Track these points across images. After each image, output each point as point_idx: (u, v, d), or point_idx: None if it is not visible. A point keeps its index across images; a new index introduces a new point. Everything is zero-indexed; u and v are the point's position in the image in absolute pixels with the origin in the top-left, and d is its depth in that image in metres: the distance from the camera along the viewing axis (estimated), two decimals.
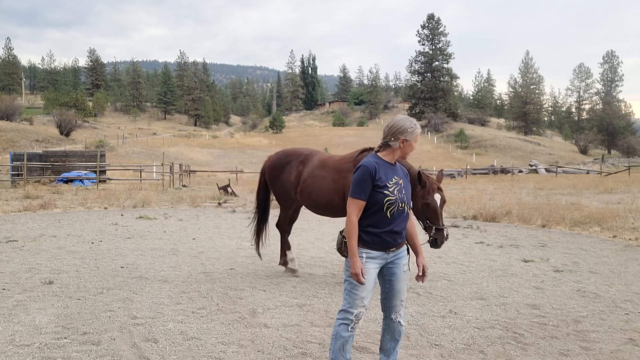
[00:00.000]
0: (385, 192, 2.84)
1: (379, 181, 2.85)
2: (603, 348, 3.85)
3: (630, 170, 35.27)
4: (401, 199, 2.89)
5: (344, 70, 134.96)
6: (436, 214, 4.84)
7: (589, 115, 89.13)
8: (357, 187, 2.85)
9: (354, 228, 2.85)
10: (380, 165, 2.90)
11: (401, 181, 2.95)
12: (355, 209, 2.86)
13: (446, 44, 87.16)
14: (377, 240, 2.88)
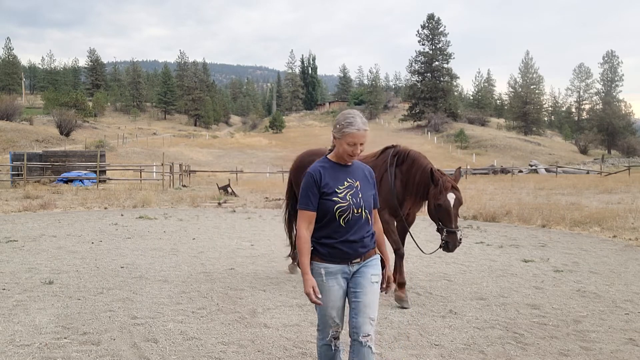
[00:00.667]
0: (334, 198, 2.55)
1: (326, 187, 2.57)
2: (603, 348, 3.85)
3: (630, 170, 35.27)
4: (356, 203, 2.59)
5: (344, 70, 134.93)
6: (449, 215, 4.50)
7: (589, 115, 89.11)
8: (303, 197, 2.58)
9: (303, 243, 2.57)
10: (328, 168, 2.62)
11: (358, 183, 2.64)
12: (304, 222, 2.58)
13: (446, 44, 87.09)
14: (334, 252, 2.58)
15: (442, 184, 4.52)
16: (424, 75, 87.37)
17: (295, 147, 61.02)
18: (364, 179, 2.70)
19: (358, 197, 2.60)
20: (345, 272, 2.63)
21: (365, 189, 2.67)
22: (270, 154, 55.72)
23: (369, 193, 2.68)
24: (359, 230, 2.61)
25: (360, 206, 2.60)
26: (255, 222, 11.75)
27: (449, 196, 4.48)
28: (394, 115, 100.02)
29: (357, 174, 2.69)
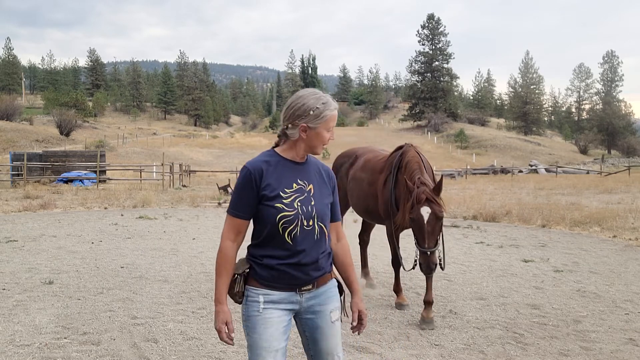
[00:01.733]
0: (277, 205, 1.93)
1: (267, 189, 1.95)
2: (603, 348, 3.85)
3: (630, 170, 35.28)
4: (306, 213, 1.96)
5: (344, 70, 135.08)
6: (421, 232, 3.95)
7: (589, 115, 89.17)
8: (234, 199, 2.00)
9: (222, 259, 1.98)
10: (274, 165, 2.00)
11: (311, 187, 2.02)
12: (230, 231, 2.00)
13: (446, 44, 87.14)
14: (277, 276, 1.96)
15: (416, 196, 3.96)
16: (424, 75, 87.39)
17: None
18: (320, 181, 2.09)
19: (310, 204, 1.98)
20: (291, 302, 2.00)
21: (321, 194, 2.05)
22: None
23: (324, 201, 2.05)
24: (312, 248, 1.99)
25: (311, 217, 1.97)
26: None
27: (423, 210, 3.92)
28: (394, 115, 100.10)
29: (311, 174, 2.06)
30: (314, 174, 2.09)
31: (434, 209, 3.95)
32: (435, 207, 3.94)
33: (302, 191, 2.00)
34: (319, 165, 2.16)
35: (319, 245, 2.02)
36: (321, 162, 2.20)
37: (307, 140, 2.00)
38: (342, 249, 2.20)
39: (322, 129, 1.99)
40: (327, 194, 2.10)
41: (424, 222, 3.93)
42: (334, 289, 2.13)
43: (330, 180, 2.16)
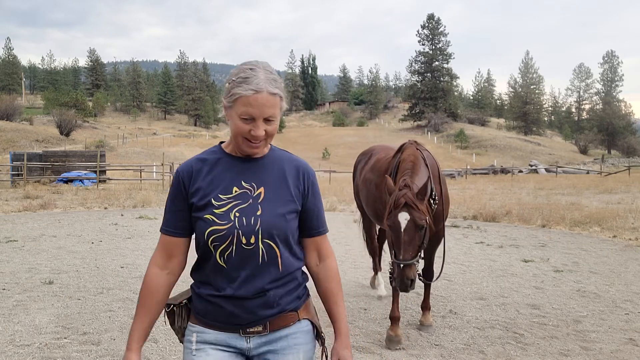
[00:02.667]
0: (206, 216, 1.48)
1: (196, 196, 1.51)
2: (603, 348, 3.85)
3: (630, 170, 35.27)
4: (246, 227, 1.47)
5: (344, 70, 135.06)
6: (397, 241, 3.44)
7: (589, 115, 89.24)
8: (165, 211, 1.59)
9: (143, 291, 1.55)
10: (211, 163, 1.56)
11: (261, 191, 1.52)
12: (158, 254, 1.58)
13: (446, 44, 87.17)
14: (213, 311, 1.51)
15: (394, 200, 3.46)
16: (424, 75, 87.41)
17: (295, 147, 61.05)
18: (280, 183, 1.56)
19: (253, 215, 1.48)
20: (234, 348, 1.52)
21: (275, 201, 1.52)
22: None
23: (279, 209, 1.51)
24: (254, 276, 1.48)
25: (253, 232, 1.47)
26: None
27: (400, 216, 3.41)
28: (394, 115, 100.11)
29: (266, 174, 1.56)
30: (272, 174, 1.56)
31: (413, 215, 3.38)
32: (415, 214, 3.38)
33: (246, 197, 1.50)
34: (285, 162, 1.60)
35: (267, 271, 1.49)
36: (294, 157, 1.65)
37: (230, 129, 1.51)
38: (326, 272, 1.64)
39: (234, 113, 1.46)
40: (286, 200, 1.54)
41: (400, 229, 3.39)
42: (302, 336, 1.59)
43: (302, 181, 1.59)
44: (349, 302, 5.08)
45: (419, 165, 3.89)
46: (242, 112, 1.45)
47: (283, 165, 1.60)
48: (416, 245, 3.43)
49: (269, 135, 1.51)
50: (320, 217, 1.65)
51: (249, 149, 1.51)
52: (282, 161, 1.61)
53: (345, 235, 9.58)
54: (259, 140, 1.48)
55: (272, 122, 1.49)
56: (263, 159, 1.59)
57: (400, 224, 3.40)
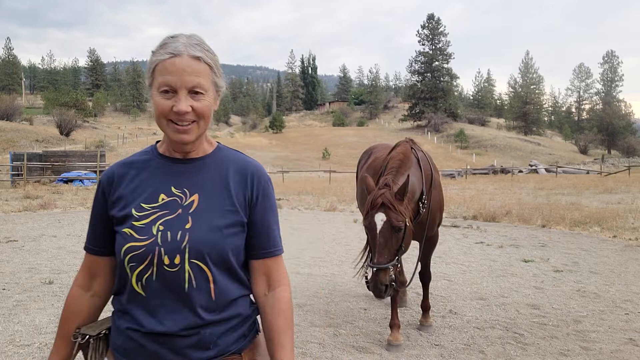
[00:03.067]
0: (124, 230, 1.22)
1: (116, 206, 1.26)
2: (603, 348, 3.85)
3: (630, 170, 35.26)
4: (171, 244, 1.19)
5: (344, 70, 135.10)
6: (372, 244, 3.29)
7: (589, 115, 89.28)
8: (88, 225, 1.36)
9: (65, 310, 1.34)
10: (139, 167, 1.30)
11: (195, 198, 1.25)
12: (81, 273, 1.35)
13: (446, 44, 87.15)
14: (134, 350, 1.22)
15: (371, 200, 3.28)
16: (424, 75, 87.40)
17: (295, 147, 61.07)
18: (219, 189, 1.28)
19: (181, 228, 1.20)
20: None
21: (211, 211, 1.24)
22: (270, 154, 55.70)
23: (216, 221, 1.23)
24: (181, 307, 1.19)
25: (179, 250, 1.19)
26: None
27: (376, 217, 3.23)
28: (394, 115, 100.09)
29: (204, 178, 1.28)
30: (211, 177, 1.28)
31: (390, 216, 3.19)
32: (392, 215, 3.19)
33: (174, 206, 1.23)
34: (230, 163, 1.32)
35: (196, 301, 1.19)
36: (244, 158, 1.35)
37: (155, 115, 1.24)
38: (274, 304, 1.30)
39: (155, 91, 1.20)
40: (226, 210, 1.25)
41: (376, 231, 3.22)
42: None
43: (249, 186, 1.30)
44: (349, 302, 5.08)
45: (407, 164, 3.66)
46: (160, 83, 1.18)
47: (227, 167, 1.31)
48: (392, 248, 3.23)
49: (200, 116, 1.21)
50: (273, 234, 1.32)
51: (176, 135, 1.20)
52: (227, 162, 1.32)
53: (346, 236, 9.59)
54: (184, 118, 1.18)
55: (201, 96, 1.20)
56: (204, 159, 1.30)
57: (376, 225, 3.22)
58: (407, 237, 3.33)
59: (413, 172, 3.64)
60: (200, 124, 1.22)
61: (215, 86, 1.26)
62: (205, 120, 1.23)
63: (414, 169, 3.68)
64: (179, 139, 1.21)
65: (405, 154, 3.74)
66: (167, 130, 1.21)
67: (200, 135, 1.26)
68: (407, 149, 3.81)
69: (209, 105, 1.22)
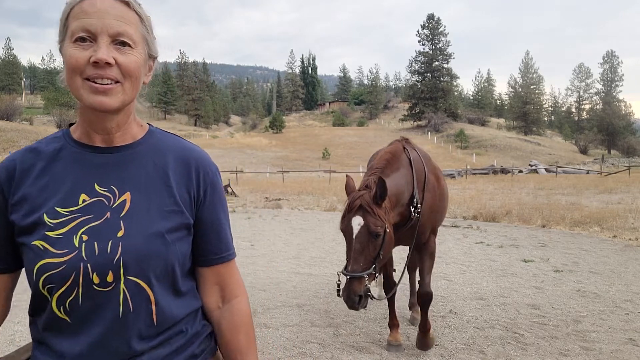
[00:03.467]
0: (34, 242, 0.94)
1: (20, 210, 0.98)
2: (603, 348, 3.85)
3: (630, 170, 35.26)
4: (100, 258, 0.94)
5: (344, 70, 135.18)
6: (348, 250, 3.03)
7: (589, 115, 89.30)
8: None
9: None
10: (48, 158, 1.02)
11: (126, 197, 1.00)
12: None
13: (446, 44, 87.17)
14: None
15: (349, 202, 3.06)
16: (424, 75, 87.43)
17: (295, 147, 61.06)
18: (158, 183, 1.04)
19: (113, 237, 0.97)
20: None
21: (149, 212, 1.01)
22: (270, 154, 55.72)
23: (155, 226, 1.00)
24: (115, 334, 0.96)
25: (111, 266, 0.95)
26: (255, 222, 11.75)
27: (353, 221, 2.98)
28: (394, 115, 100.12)
29: (137, 171, 1.03)
30: (146, 170, 1.02)
31: (367, 220, 2.94)
32: (370, 219, 2.94)
33: (100, 210, 0.97)
34: (169, 151, 1.06)
35: (134, 325, 0.96)
36: (185, 145, 1.10)
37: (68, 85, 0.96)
38: (231, 318, 1.10)
39: (67, 42, 0.94)
40: (168, 210, 1.01)
41: (352, 236, 2.97)
42: None
43: (195, 180, 1.06)
44: None
45: (394, 164, 3.41)
46: (74, 29, 0.92)
47: (165, 157, 1.04)
48: (369, 255, 2.95)
49: (127, 75, 0.95)
50: (224, 236, 1.10)
51: (93, 96, 0.93)
52: (164, 150, 1.05)
53: None
54: (105, 74, 0.92)
55: (128, 49, 0.94)
56: (134, 147, 1.03)
57: (352, 230, 2.97)
58: (386, 244, 3.01)
59: (402, 173, 3.40)
60: (126, 87, 0.95)
61: (146, 45, 0.99)
62: (133, 82, 0.96)
63: (404, 169, 3.42)
64: (97, 102, 0.93)
65: (394, 153, 3.50)
66: (81, 92, 0.93)
67: (127, 105, 0.99)
68: (397, 149, 3.58)
69: (137, 62, 0.96)
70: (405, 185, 3.34)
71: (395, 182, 3.25)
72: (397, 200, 3.26)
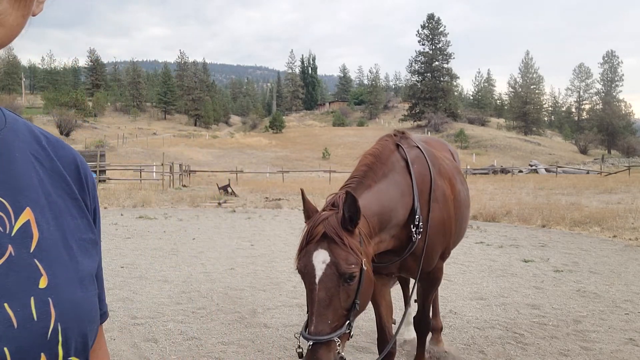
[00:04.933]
0: None
1: None
2: (603, 348, 3.84)
3: (630, 170, 35.26)
4: (29, 331, 0.51)
5: (344, 70, 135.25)
6: (308, 299, 2.02)
7: (589, 115, 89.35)
8: None
9: None
10: None
11: (29, 218, 0.56)
12: None
13: (446, 44, 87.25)
14: None
15: (309, 230, 2.07)
16: (424, 75, 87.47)
17: (295, 147, 61.06)
18: (59, 189, 0.63)
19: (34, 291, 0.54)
20: None
21: (66, 239, 0.60)
22: (270, 154, 55.72)
23: (85, 264, 0.62)
24: None
25: (45, 344, 0.53)
26: (255, 222, 11.75)
27: (315, 258, 1.99)
28: (394, 115, 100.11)
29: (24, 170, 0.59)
30: (35, 170, 0.61)
31: (336, 256, 1.95)
32: (340, 254, 1.96)
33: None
34: (49, 143, 0.67)
35: None
36: (45, 132, 0.68)
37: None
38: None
39: None
40: (88, 239, 0.65)
41: (314, 280, 1.96)
42: None
43: (86, 191, 0.69)
44: None
45: (379, 170, 2.48)
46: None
47: (45, 149, 0.66)
48: (340, 308, 1.96)
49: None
50: (102, 281, 0.72)
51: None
52: (39, 137, 0.66)
53: None
54: None
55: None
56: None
57: (314, 271, 1.96)
58: (364, 290, 2.04)
59: (392, 182, 2.48)
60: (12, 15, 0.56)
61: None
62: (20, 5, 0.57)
63: (395, 176, 2.51)
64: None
65: (379, 154, 2.58)
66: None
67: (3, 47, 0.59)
68: (385, 147, 2.66)
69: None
70: (398, 198, 2.45)
71: (378, 195, 2.37)
72: (381, 221, 2.35)
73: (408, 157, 2.63)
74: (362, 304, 2.09)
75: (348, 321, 2.00)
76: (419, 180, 2.59)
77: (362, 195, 2.31)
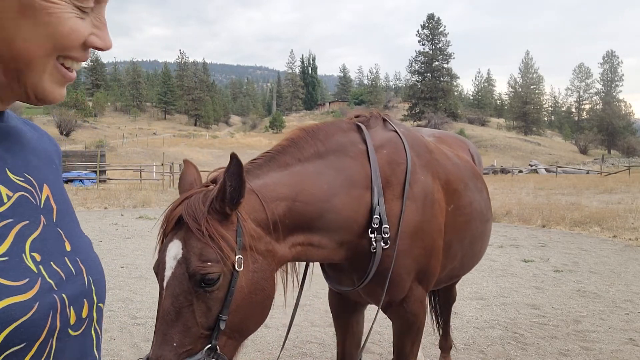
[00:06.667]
0: None
1: None
2: (603, 348, 3.85)
3: (630, 170, 35.27)
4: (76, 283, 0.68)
5: (344, 70, 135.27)
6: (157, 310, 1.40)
7: (589, 115, 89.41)
8: None
9: None
10: None
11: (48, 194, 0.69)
12: None
13: (446, 44, 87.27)
14: None
15: (167, 214, 1.48)
16: (424, 75, 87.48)
17: None
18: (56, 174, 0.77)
19: (66, 253, 0.68)
20: None
21: (71, 214, 0.76)
22: None
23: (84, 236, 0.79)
24: None
25: (86, 292, 0.71)
26: None
27: (167, 253, 1.41)
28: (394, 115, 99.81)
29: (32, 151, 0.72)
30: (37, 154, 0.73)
31: (188, 249, 1.38)
32: (194, 247, 1.37)
33: (31, 213, 0.64)
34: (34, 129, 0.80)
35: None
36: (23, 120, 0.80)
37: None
38: None
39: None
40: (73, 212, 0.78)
41: (162, 283, 1.40)
42: None
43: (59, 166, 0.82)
44: None
45: (309, 147, 1.80)
46: None
47: (40, 135, 0.78)
48: (195, 325, 1.36)
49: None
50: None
51: (60, 91, 0.68)
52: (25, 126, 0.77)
53: None
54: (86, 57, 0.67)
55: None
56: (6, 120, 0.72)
57: (164, 270, 1.41)
58: (239, 303, 1.43)
59: (330, 165, 1.79)
60: None
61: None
62: None
63: (340, 159, 1.82)
64: (60, 96, 0.68)
65: (315, 130, 1.86)
66: (42, 79, 0.64)
67: None
68: (333, 125, 1.94)
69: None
70: (338, 189, 1.77)
71: (298, 177, 1.71)
72: (299, 213, 1.70)
73: (371, 140, 1.90)
74: (236, 323, 1.43)
75: (209, 346, 1.36)
76: (384, 169, 1.88)
77: (269, 173, 1.68)
